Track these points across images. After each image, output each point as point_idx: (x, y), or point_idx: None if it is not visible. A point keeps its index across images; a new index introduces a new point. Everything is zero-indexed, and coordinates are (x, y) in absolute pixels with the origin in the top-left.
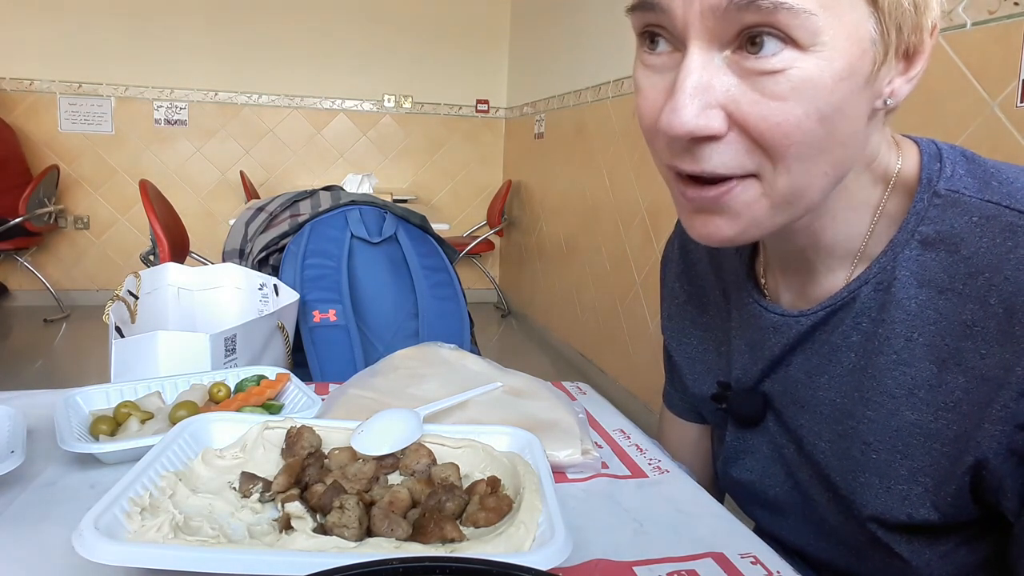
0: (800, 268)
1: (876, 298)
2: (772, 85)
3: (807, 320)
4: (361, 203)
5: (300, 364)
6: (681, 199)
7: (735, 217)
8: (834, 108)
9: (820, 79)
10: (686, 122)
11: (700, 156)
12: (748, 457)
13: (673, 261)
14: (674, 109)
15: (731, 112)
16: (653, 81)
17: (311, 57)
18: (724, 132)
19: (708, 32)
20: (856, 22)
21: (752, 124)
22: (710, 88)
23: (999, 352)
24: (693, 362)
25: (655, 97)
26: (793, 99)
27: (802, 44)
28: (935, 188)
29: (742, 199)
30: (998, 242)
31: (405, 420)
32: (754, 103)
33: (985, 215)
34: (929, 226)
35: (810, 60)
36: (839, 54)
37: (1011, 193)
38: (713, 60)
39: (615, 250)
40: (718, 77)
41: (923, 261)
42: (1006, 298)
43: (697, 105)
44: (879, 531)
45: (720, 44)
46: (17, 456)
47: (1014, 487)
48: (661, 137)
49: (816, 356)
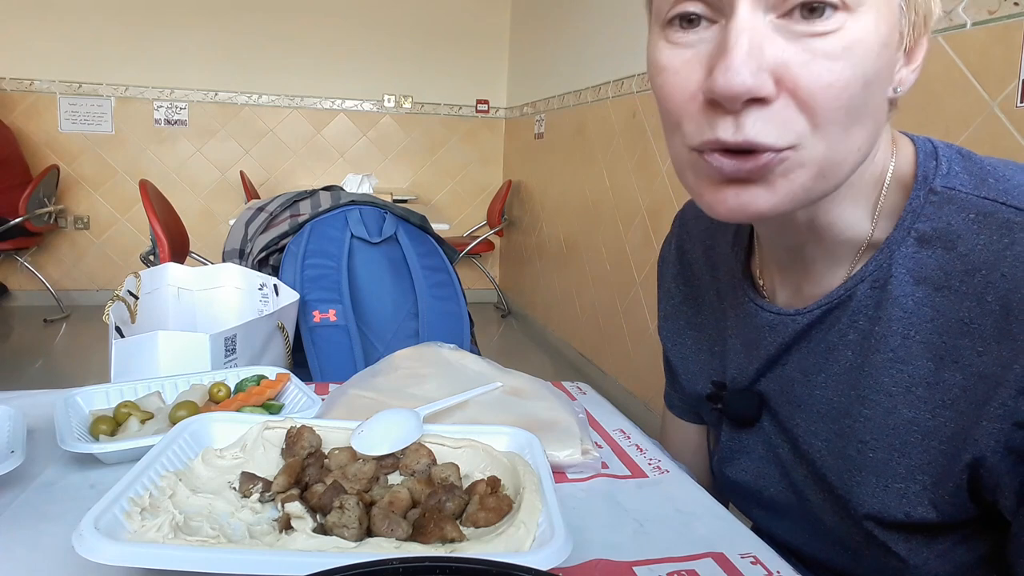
0: (798, 267)
1: (872, 296)
2: (825, 45)
3: (803, 319)
4: (361, 203)
5: (300, 364)
6: (710, 172)
7: (772, 187)
8: (876, 73)
9: (868, 41)
10: (744, 80)
11: (744, 123)
12: (743, 457)
13: (670, 262)
14: (729, 68)
15: (780, 76)
16: (686, 56)
17: (311, 57)
18: (774, 96)
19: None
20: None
21: (803, 85)
22: (762, 50)
23: (996, 350)
24: (688, 362)
25: (689, 71)
26: (845, 59)
27: (850, 5)
28: (931, 185)
29: (780, 168)
30: (995, 239)
31: (405, 420)
32: (804, 64)
33: (982, 212)
34: (925, 223)
35: (859, 20)
36: (882, 18)
37: (1007, 190)
38: (761, 22)
39: (615, 250)
40: (768, 40)
41: (919, 258)
42: (1003, 295)
43: (753, 66)
44: (876, 530)
45: (768, 7)
46: (17, 456)
47: (1011, 485)
48: (700, 109)
49: (813, 355)
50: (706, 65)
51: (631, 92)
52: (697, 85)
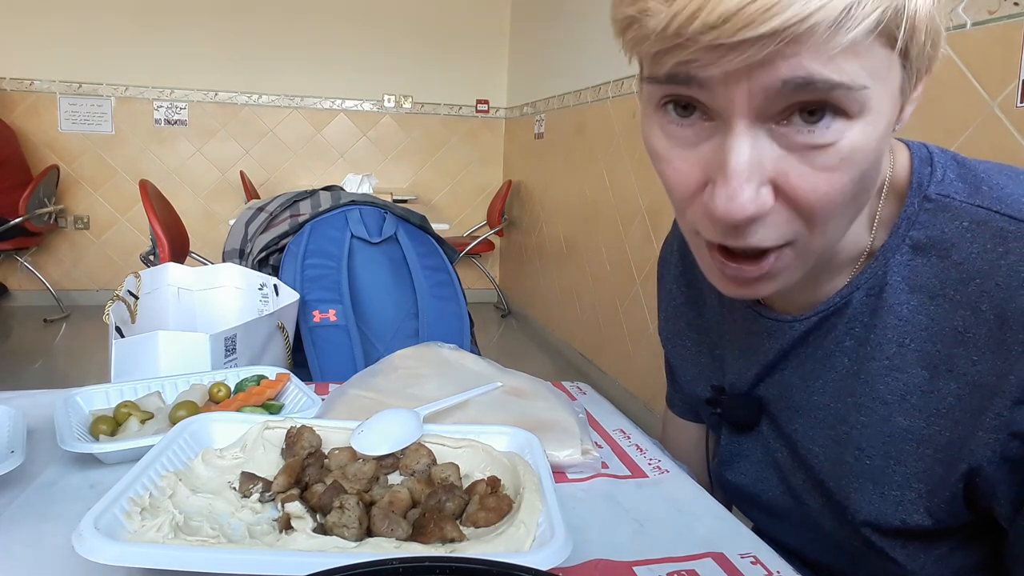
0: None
1: (868, 303)
2: (823, 158)
3: (801, 325)
4: (361, 203)
5: (300, 364)
6: (714, 266)
7: (773, 280)
8: (873, 165)
9: (867, 144)
10: (745, 207)
11: (746, 232)
12: (742, 461)
13: (672, 264)
14: (731, 196)
15: (779, 184)
16: (684, 154)
17: (311, 57)
18: (773, 205)
19: (755, 109)
20: (892, 80)
21: (801, 196)
22: (761, 164)
23: (991, 359)
24: (688, 364)
25: (688, 170)
26: (842, 169)
27: (851, 114)
28: (926, 192)
29: (780, 265)
30: (989, 248)
31: (405, 420)
32: (803, 176)
33: (976, 220)
34: (920, 231)
35: (857, 127)
36: (882, 116)
37: (1002, 198)
38: (759, 134)
39: (615, 250)
40: (766, 152)
41: (914, 266)
42: (997, 305)
43: (753, 187)
44: (873, 536)
45: (765, 119)
46: (17, 456)
47: (1007, 494)
48: (701, 213)
49: (810, 361)
50: (704, 169)
51: (631, 92)
52: (697, 186)
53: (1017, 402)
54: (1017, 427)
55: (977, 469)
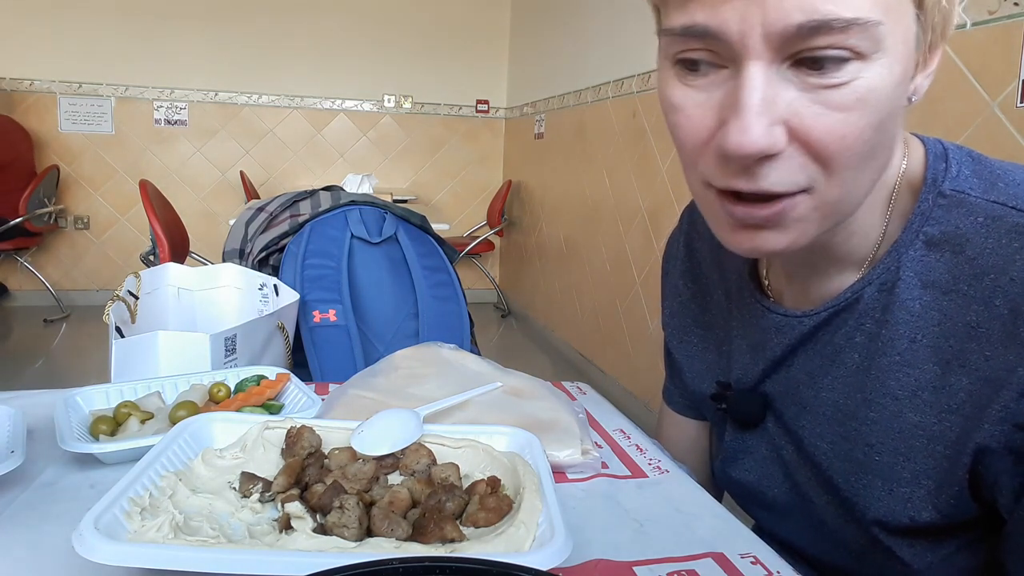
0: (808, 270)
1: (880, 299)
2: (838, 97)
3: (810, 321)
4: (361, 203)
5: (300, 364)
6: (724, 216)
7: (785, 230)
8: (889, 114)
9: (883, 87)
10: (756, 140)
11: (757, 174)
12: (747, 458)
13: (678, 259)
14: (743, 129)
15: (792, 126)
16: (697, 100)
17: (311, 57)
18: (786, 147)
19: (770, 50)
20: (907, 25)
21: (815, 137)
22: (774, 103)
23: (1003, 353)
24: (693, 360)
25: (702, 116)
26: (858, 109)
27: (865, 53)
28: (940, 188)
29: (794, 214)
30: (1004, 243)
31: (405, 420)
32: (817, 116)
33: (991, 216)
34: (934, 226)
35: (873, 68)
36: (897, 59)
37: (1017, 194)
38: (773, 73)
39: (615, 250)
40: (780, 91)
41: (927, 262)
42: (1011, 299)
43: (765, 123)
44: (881, 534)
45: (780, 60)
46: (17, 456)
47: (1009, 484)
48: (713, 156)
49: (818, 357)
50: (718, 112)
51: (631, 92)
52: (710, 132)
53: (1023, 394)
54: (1022, 419)
55: (981, 459)
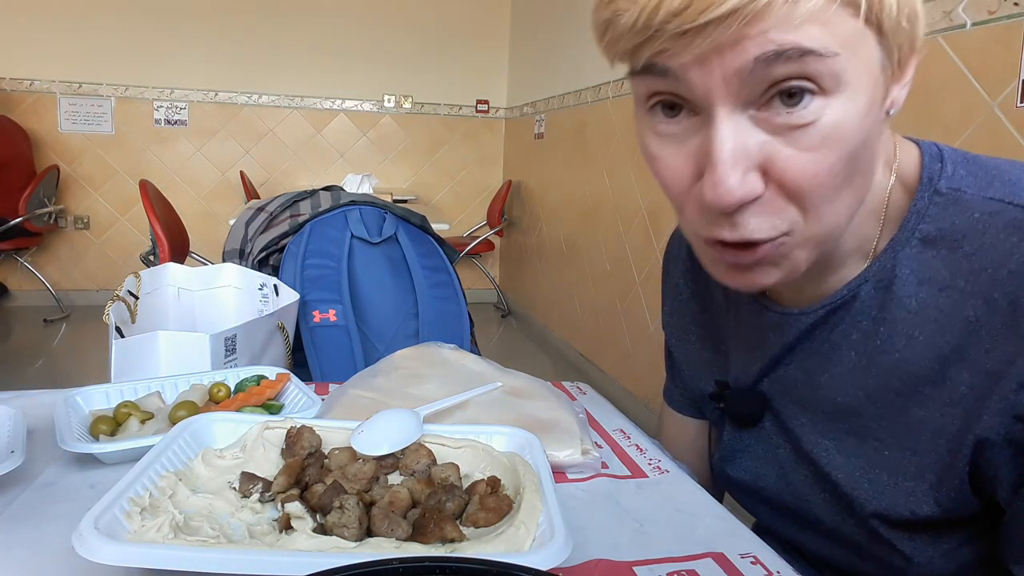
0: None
1: (876, 296)
2: (805, 138)
3: (807, 319)
4: (361, 203)
5: (300, 364)
6: (716, 258)
7: (774, 267)
8: (861, 144)
9: (848, 121)
10: (732, 192)
11: (738, 223)
12: (745, 456)
13: (680, 258)
14: (718, 183)
15: (766, 169)
16: (673, 151)
17: (311, 57)
18: (764, 190)
19: (733, 95)
20: (868, 54)
21: (789, 179)
22: (746, 151)
23: (1003, 346)
24: (692, 359)
25: (679, 166)
26: (826, 147)
27: (827, 89)
28: (936, 186)
29: (780, 252)
30: (1002, 238)
31: (405, 420)
32: (789, 158)
33: (987, 211)
34: (930, 224)
35: (836, 103)
36: (860, 90)
37: (1013, 190)
38: (741, 121)
39: (615, 250)
40: (750, 137)
41: (923, 259)
42: (1010, 293)
43: (740, 172)
44: (882, 528)
45: (745, 103)
46: (17, 456)
47: (1008, 476)
48: (695, 205)
49: (816, 355)
50: (695, 161)
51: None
52: (690, 181)
53: (1022, 385)
54: (1021, 410)
55: (981, 451)
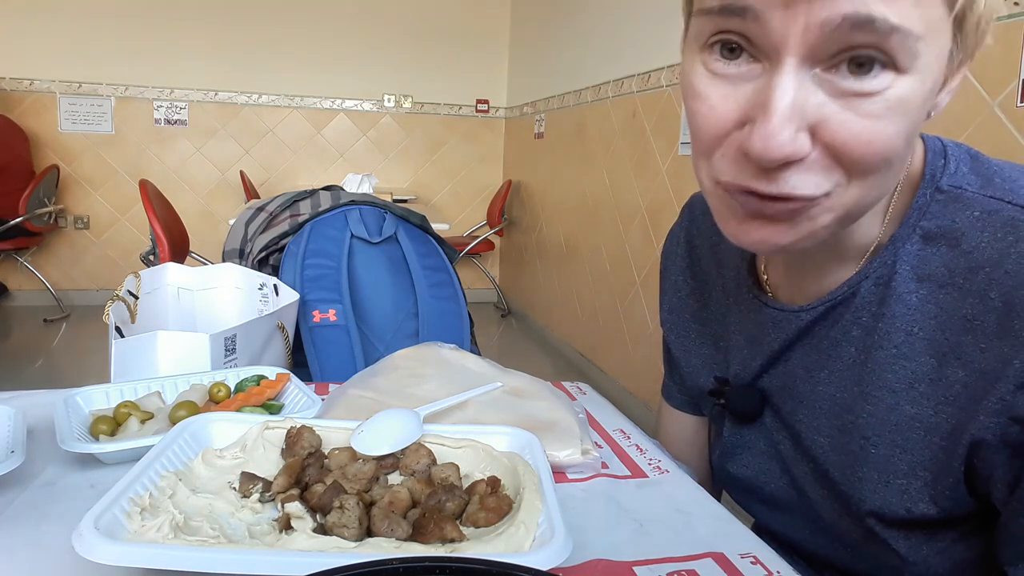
0: (806, 265)
1: (876, 293)
2: (868, 105)
3: (807, 315)
4: (361, 203)
5: (300, 364)
6: (734, 208)
7: (794, 227)
8: (915, 126)
9: (912, 100)
10: (783, 146)
11: (778, 177)
12: (745, 452)
13: (679, 255)
14: (770, 134)
15: (817, 130)
16: (724, 91)
17: (311, 57)
18: (811, 151)
19: (808, 48)
20: (944, 44)
21: (840, 142)
22: (803, 108)
23: (998, 346)
24: (691, 356)
25: (726, 109)
26: (887, 118)
27: (901, 66)
28: (938, 184)
29: (809, 213)
30: (999, 236)
31: (405, 420)
32: (844, 122)
33: (987, 210)
34: (931, 221)
35: (906, 81)
36: (929, 75)
37: (1014, 189)
38: (805, 77)
39: (615, 250)
40: (810, 96)
41: (923, 256)
42: (1005, 292)
43: (792, 128)
44: (877, 526)
45: (815, 61)
46: (17, 456)
47: (1004, 477)
48: (732, 152)
49: (816, 351)
50: (745, 108)
51: (631, 92)
52: (733, 124)
53: (1019, 387)
54: (1018, 412)
55: (977, 452)
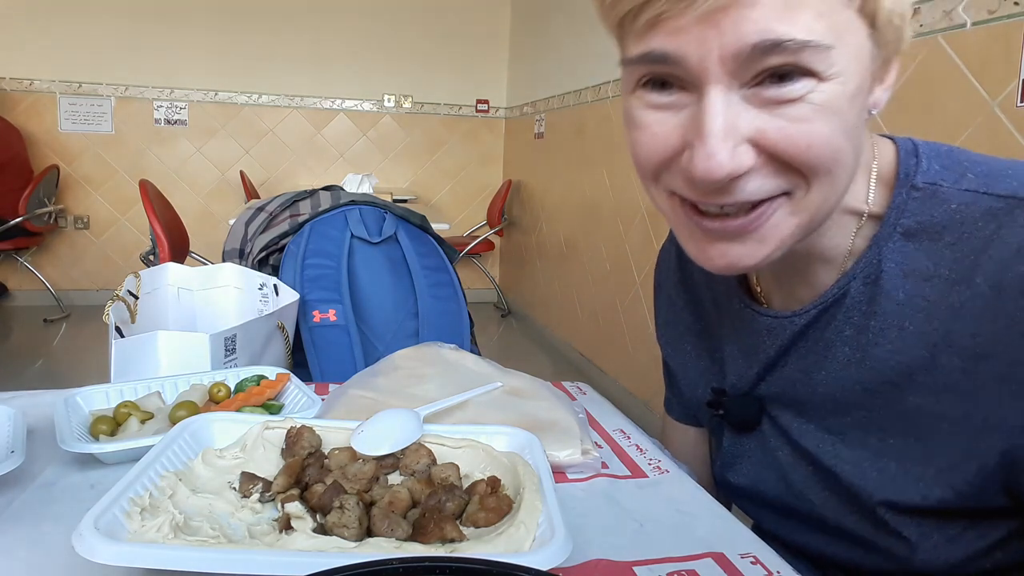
0: (793, 272)
1: (865, 292)
2: (795, 110)
3: (800, 320)
4: (361, 203)
5: (300, 364)
6: (692, 228)
7: (760, 242)
8: (852, 123)
9: (838, 101)
10: (723, 165)
11: (731, 190)
12: (744, 461)
13: (671, 269)
14: (709, 155)
15: (758, 143)
16: (662, 118)
17: (311, 57)
18: (757, 164)
19: (728, 75)
20: (859, 44)
21: (782, 149)
22: (736, 126)
23: (990, 328)
24: (688, 369)
25: (666, 135)
26: (818, 120)
27: (820, 75)
28: (913, 182)
29: (772, 221)
30: (980, 226)
31: (405, 420)
32: (780, 129)
33: (964, 203)
34: (910, 218)
35: (828, 85)
36: (851, 77)
37: (987, 181)
38: (733, 98)
39: (615, 250)
40: (741, 113)
41: (907, 252)
42: (991, 275)
43: (730, 146)
44: (888, 515)
45: (739, 83)
46: (17, 456)
47: None
48: (680, 174)
49: (811, 354)
50: (683, 133)
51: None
52: (674, 149)
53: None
54: None
55: (1017, 445)
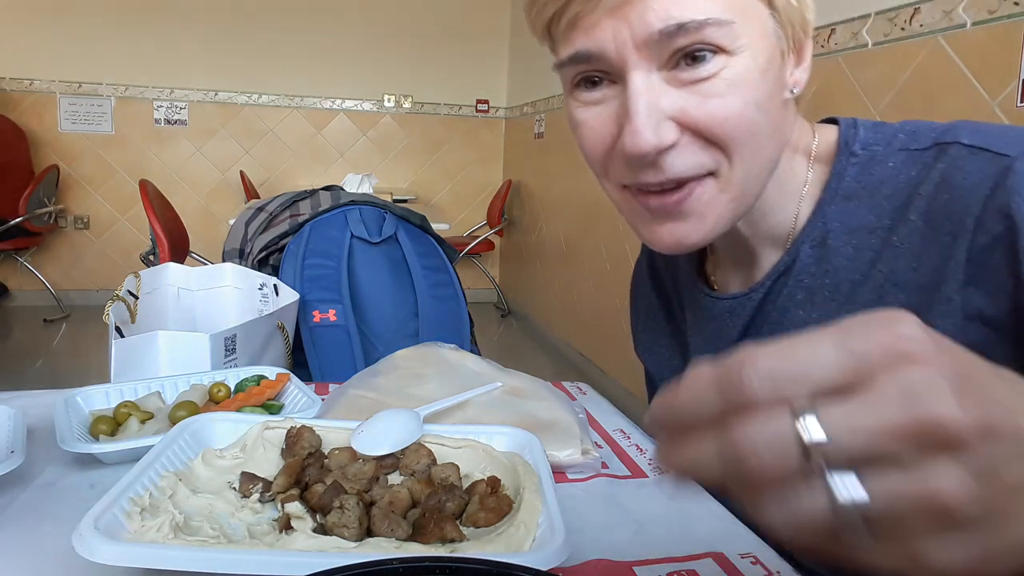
0: (745, 256)
1: (813, 254)
2: (710, 87)
3: (756, 295)
4: (361, 203)
5: (300, 364)
6: (641, 212)
7: (700, 219)
8: (766, 97)
9: (749, 74)
10: (648, 139)
11: (662, 165)
12: None
13: (644, 278)
14: (635, 132)
15: (680, 120)
16: (596, 112)
17: (311, 57)
18: (678, 139)
19: (644, 59)
20: (762, 22)
21: (702, 124)
22: (658, 105)
23: (927, 259)
24: (663, 370)
25: (602, 126)
26: (732, 94)
27: (728, 50)
28: (851, 149)
29: (704, 199)
30: (912, 175)
31: (405, 420)
32: (698, 106)
33: (898, 160)
34: (850, 181)
35: (738, 60)
36: (759, 51)
37: (916, 138)
38: (653, 80)
39: (615, 250)
40: (663, 93)
41: (849, 210)
42: (922, 210)
43: (653, 123)
44: None
45: (656, 66)
46: (17, 456)
47: None
48: (620, 159)
49: (768, 324)
50: (616, 122)
51: None
52: (612, 139)
53: (963, 284)
54: (969, 308)
55: None
